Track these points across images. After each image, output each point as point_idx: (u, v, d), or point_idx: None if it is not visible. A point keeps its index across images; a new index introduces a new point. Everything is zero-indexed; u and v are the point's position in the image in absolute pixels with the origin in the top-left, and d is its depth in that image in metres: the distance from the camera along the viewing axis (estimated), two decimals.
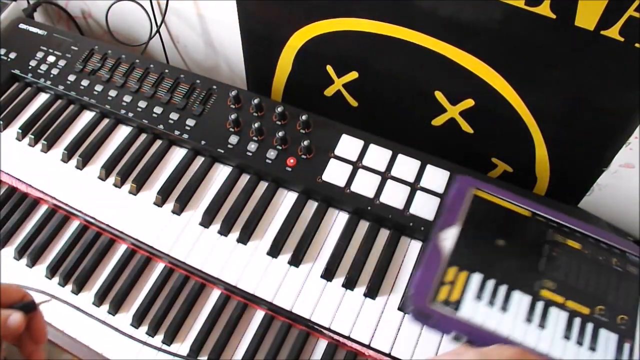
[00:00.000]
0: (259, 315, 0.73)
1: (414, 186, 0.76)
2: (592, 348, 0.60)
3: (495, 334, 0.59)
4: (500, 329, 0.60)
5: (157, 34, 1.05)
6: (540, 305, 0.62)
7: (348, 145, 0.79)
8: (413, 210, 0.74)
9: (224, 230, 0.74)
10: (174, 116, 0.83)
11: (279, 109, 0.81)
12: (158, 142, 0.84)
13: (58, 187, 0.79)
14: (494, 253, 0.64)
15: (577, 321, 0.61)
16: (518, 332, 0.60)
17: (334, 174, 0.77)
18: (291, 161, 0.78)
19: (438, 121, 0.86)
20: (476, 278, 0.63)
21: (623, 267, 0.65)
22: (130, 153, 0.82)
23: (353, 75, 0.88)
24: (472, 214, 0.67)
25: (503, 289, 0.62)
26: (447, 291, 0.61)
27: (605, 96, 0.69)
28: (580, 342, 0.60)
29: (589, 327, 0.61)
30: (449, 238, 0.64)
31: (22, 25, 0.96)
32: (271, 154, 0.79)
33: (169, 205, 0.77)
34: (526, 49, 0.69)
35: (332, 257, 0.72)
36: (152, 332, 0.71)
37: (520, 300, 0.62)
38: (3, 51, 0.93)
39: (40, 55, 0.91)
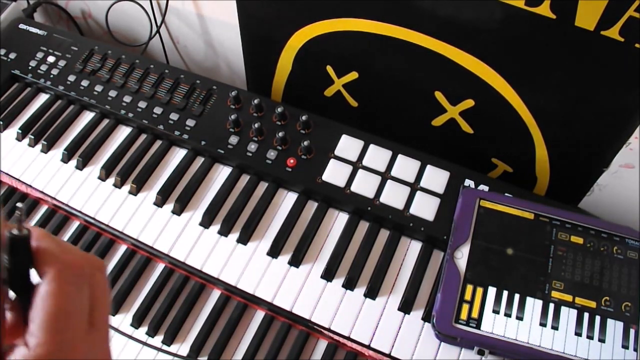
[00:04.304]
0: (259, 315, 0.73)
1: (414, 186, 0.76)
2: (602, 340, 0.64)
3: (515, 343, 0.63)
4: (519, 338, 0.64)
5: (157, 34, 1.05)
6: (551, 308, 0.66)
7: (348, 145, 0.79)
8: (413, 210, 0.74)
9: (224, 231, 0.74)
10: (174, 116, 0.83)
11: (279, 110, 0.81)
12: (158, 143, 0.84)
13: (58, 187, 0.79)
14: (505, 263, 0.68)
15: (586, 316, 0.65)
16: (534, 338, 0.64)
17: (334, 174, 0.77)
18: (291, 161, 0.78)
19: (438, 121, 0.86)
20: (491, 292, 0.67)
21: (624, 254, 0.69)
22: (130, 153, 0.82)
23: (353, 75, 0.88)
24: (480, 226, 0.70)
25: (517, 298, 0.66)
26: (467, 310, 0.65)
27: (605, 96, 0.69)
28: (590, 336, 0.64)
29: (597, 320, 0.65)
30: (463, 256, 0.67)
31: (22, 26, 0.96)
32: (271, 154, 0.79)
33: (169, 205, 0.77)
34: (526, 49, 0.69)
35: (332, 257, 0.72)
36: (152, 332, 0.71)
37: (533, 305, 0.65)
38: (3, 51, 0.93)
39: (40, 55, 0.91)
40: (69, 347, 0.34)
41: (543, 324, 0.64)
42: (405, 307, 0.68)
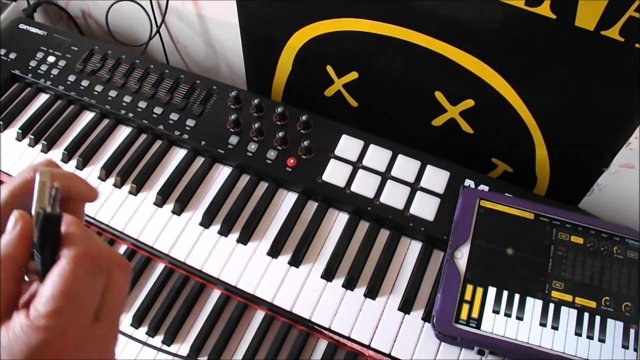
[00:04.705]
0: (259, 315, 0.73)
1: (414, 186, 0.76)
2: (602, 340, 0.64)
3: (515, 343, 0.63)
4: (519, 338, 0.64)
5: (157, 34, 1.05)
6: (552, 308, 0.66)
7: (348, 145, 0.79)
8: (413, 210, 0.74)
9: (224, 231, 0.74)
10: (174, 116, 0.83)
11: (279, 110, 0.81)
12: (158, 143, 0.84)
13: None
14: (505, 263, 0.68)
15: (586, 316, 0.65)
16: (534, 338, 0.64)
17: (334, 174, 0.77)
18: (291, 161, 0.78)
19: (438, 121, 0.86)
20: (491, 292, 0.67)
21: (624, 254, 0.69)
22: (131, 153, 0.82)
23: (353, 75, 0.88)
24: (480, 226, 0.70)
25: (517, 298, 0.66)
26: (467, 310, 0.65)
27: (605, 96, 0.69)
28: (590, 336, 0.64)
29: (597, 320, 0.65)
30: (463, 256, 0.67)
31: (22, 25, 0.96)
32: (271, 154, 0.79)
33: (169, 205, 0.77)
34: (526, 49, 0.69)
35: (332, 257, 0.72)
36: (152, 332, 0.71)
37: (533, 305, 0.65)
38: (3, 51, 0.93)
39: (40, 55, 0.91)
40: (63, 331, 0.33)
41: (543, 324, 0.64)
42: (405, 307, 0.68)
